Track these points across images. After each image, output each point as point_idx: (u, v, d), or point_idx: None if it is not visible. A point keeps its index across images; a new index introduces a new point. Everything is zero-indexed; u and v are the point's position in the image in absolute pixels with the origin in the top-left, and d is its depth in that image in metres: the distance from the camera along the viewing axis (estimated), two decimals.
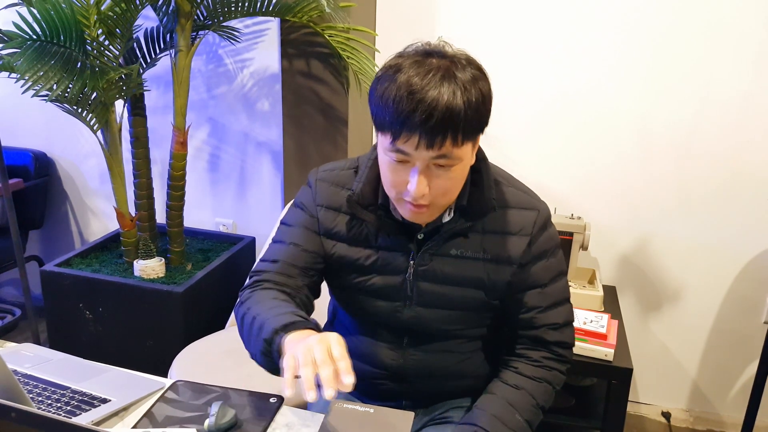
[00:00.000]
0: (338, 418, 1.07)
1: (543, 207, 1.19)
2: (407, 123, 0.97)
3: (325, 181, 1.22)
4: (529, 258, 1.17)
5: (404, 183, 1.04)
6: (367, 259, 1.19)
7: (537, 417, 1.17)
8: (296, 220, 1.24)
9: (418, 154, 1.00)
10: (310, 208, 1.23)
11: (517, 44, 2.21)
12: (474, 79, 1.00)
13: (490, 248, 1.16)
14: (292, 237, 1.22)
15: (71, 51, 1.85)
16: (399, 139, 0.99)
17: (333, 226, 1.21)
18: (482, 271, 1.16)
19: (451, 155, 1.00)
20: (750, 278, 2.24)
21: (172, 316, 2.08)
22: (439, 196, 1.05)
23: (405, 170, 1.03)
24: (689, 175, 2.19)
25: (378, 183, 1.15)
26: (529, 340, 1.21)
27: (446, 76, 0.98)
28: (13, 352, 1.29)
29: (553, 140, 2.27)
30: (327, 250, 1.22)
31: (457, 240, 1.15)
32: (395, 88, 0.98)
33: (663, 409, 2.45)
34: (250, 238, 2.53)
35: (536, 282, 1.18)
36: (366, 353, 1.27)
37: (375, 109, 1.03)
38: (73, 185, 2.85)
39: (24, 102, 2.30)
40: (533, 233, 1.16)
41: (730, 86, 2.08)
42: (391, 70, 1.02)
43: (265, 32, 2.37)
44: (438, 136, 0.97)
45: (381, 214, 1.16)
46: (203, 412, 1.11)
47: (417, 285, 1.18)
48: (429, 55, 1.02)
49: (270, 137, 2.50)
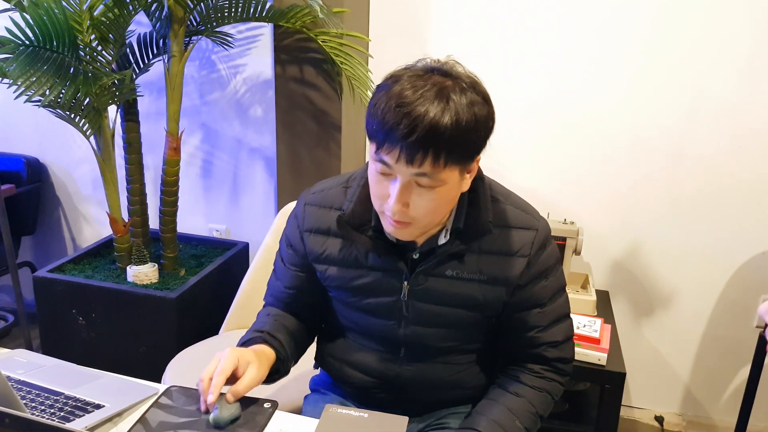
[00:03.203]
0: (332, 422, 1.07)
1: (542, 225, 1.17)
2: (390, 135, 0.96)
3: (313, 205, 1.22)
4: (529, 279, 1.15)
5: (386, 196, 1.03)
6: (359, 280, 1.18)
7: (535, 425, 1.17)
8: (283, 254, 1.30)
9: (399, 167, 0.98)
10: (293, 241, 1.26)
11: (509, 50, 2.22)
12: (471, 104, 0.98)
13: (486, 269, 1.14)
14: (280, 274, 1.31)
15: (64, 56, 1.85)
16: (382, 149, 0.98)
17: (322, 251, 1.20)
18: (478, 291, 1.15)
19: (432, 176, 0.98)
20: (741, 283, 2.25)
21: (166, 322, 2.07)
22: (421, 215, 1.03)
23: (387, 183, 1.02)
24: (681, 180, 2.20)
25: (370, 203, 1.12)
26: (530, 357, 1.20)
27: (440, 94, 0.96)
28: (6, 358, 1.28)
29: (545, 145, 2.28)
30: (320, 273, 1.23)
31: (453, 262, 1.14)
32: (387, 98, 0.97)
33: (656, 414, 2.46)
34: (243, 244, 2.52)
35: (536, 302, 1.17)
36: (362, 363, 1.27)
37: (367, 116, 1.02)
38: (66, 191, 2.84)
39: (16, 107, 2.29)
40: (531, 254, 1.14)
41: (721, 92, 2.09)
42: (390, 79, 1.01)
43: (258, 38, 2.37)
44: (418, 152, 0.95)
45: (372, 235, 1.14)
46: (197, 418, 1.10)
47: (412, 304, 1.17)
48: (433, 71, 1.00)
49: (263, 143, 2.50)
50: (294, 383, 1.68)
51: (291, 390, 1.66)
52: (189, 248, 2.51)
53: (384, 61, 2.28)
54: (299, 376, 1.69)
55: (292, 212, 1.27)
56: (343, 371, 1.30)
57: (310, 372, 1.49)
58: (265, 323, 1.25)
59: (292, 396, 1.63)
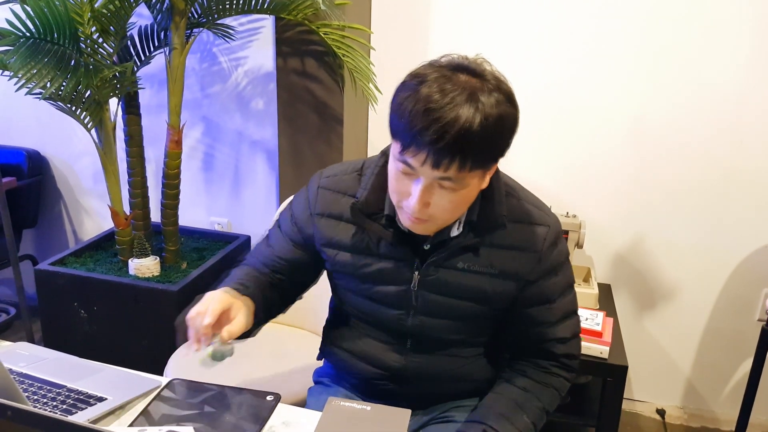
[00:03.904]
0: (335, 415, 1.07)
1: (554, 222, 1.16)
2: (417, 139, 0.94)
3: (327, 189, 1.21)
4: (539, 274, 1.15)
5: (406, 194, 1.02)
6: (370, 267, 1.18)
7: (542, 420, 1.17)
8: (283, 224, 1.28)
9: (423, 170, 0.97)
10: (300, 221, 1.24)
11: (511, 42, 2.21)
12: (498, 105, 0.95)
13: (497, 263, 1.14)
14: (274, 239, 1.29)
15: (65, 49, 1.84)
16: (407, 151, 0.96)
17: (334, 235, 1.20)
18: (488, 284, 1.15)
19: (457, 179, 0.97)
20: (744, 276, 2.25)
21: (168, 315, 2.07)
22: (440, 213, 1.03)
23: (409, 182, 1.01)
24: (683, 173, 2.20)
25: (385, 191, 1.13)
26: (538, 352, 1.20)
27: (470, 98, 0.93)
28: (8, 351, 1.28)
29: (548, 138, 2.28)
30: (329, 257, 1.22)
31: (465, 254, 1.14)
32: (414, 100, 0.94)
33: (658, 407, 2.46)
34: (245, 237, 2.52)
35: (545, 298, 1.17)
36: (368, 354, 1.27)
37: (392, 115, 1.00)
38: (67, 184, 2.83)
39: (17, 100, 2.29)
40: (543, 250, 1.14)
41: (723, 85, 2.08)
42: (416, 79, 0.97)
43: (259, 30, 2.36)
44: (446, 158, 0.94)
45: (386, 224, 1.14)
46: (200, 411, 1.10)
47: (422, 295, 1.17)
48: (459, 70, 0.97)
49: (264, 136, 2.50)
50: (297, 375, 1.68)
51: (294, 382, 1.66)
52: (190, 241, 2.51)
53: (386, 54, 2.27)
54: (303, 368, 1.69)
55: (303, 192, 1.25)
56: (348, 361, 1.30)
57: (313, 364, 1.48)
58: (246, 280, 1.20)
59: (295, 388, 1.62)
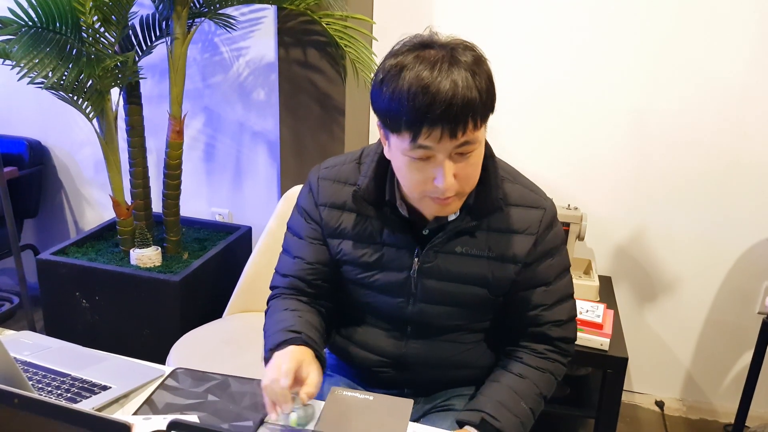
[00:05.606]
0: (338, 405, 1.07)
1: (549, 205, 1.18)
2: (427, 117, 0.95)
3: (327, 179, 1.22)
4: (535, 257, 1.16)
5: (429, 180, 1.02)
6: (371, 255, 1.19)
7: (540, 406, 1.18)
8: (300, 229, 1.26)
9: (442, 146, 0.98)
10: (312, 213, 1.23)
11: (514, 33, 2.21)
12: (477, 62, 0.99)
13: (495, 246, 1.15)
14: (298, 250, 1.26)
15: (67, 38, 1.84)
16: (420, 135, 0.97)
17: (337, 224, 1.20)
18: (486, 268, 1.16)
19: (472, 140, 1.00)
20: (744, 269, 2.25)
21: (169, 305, 2.07)
22: (464, 183, 1.04)
23: (428, 166, 1.01)
24: (685, 166, 2.20)
25: (384, 179, 1.14)
26: (533, 336, 1.21)
27: (453, 63, 0.96)
28: (13, 340, 1.29)
29: (549, 130, 2.28)
30: (333, 248, 1.22)
31: (463, 238, 1.15)
32: (406, 85, 0.96)
33: (657, 399, 2.47)
34: (246, 228, 2.52)
35: (542, 280, 1.18)
36: (368, 341, 1.28)
37: (387, 111, 1.00)
38: (68, 174, 2.83)
39: (19, 90, 2.29)
40: (539, 232, 1.15)
41: (726, 79, 2.08)
42: (394, 69, 0.99)
43: (261, 20, 2.36)
44: (460, 124, 0.96)
45: (387, 211, 1.15)
46: (203, 399, 1.11)
47: (421, 282, 1.17)
48: (426, 47, 1.00)
49: (266, 127, 2.50)
50: None
51: None
52: (192, 232, 2.52)
53: (388, 44, 2.25)
54: None
55: (305, 188, 1.26)
56: (348, 349, 1.31)
57: None
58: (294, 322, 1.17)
59: None
